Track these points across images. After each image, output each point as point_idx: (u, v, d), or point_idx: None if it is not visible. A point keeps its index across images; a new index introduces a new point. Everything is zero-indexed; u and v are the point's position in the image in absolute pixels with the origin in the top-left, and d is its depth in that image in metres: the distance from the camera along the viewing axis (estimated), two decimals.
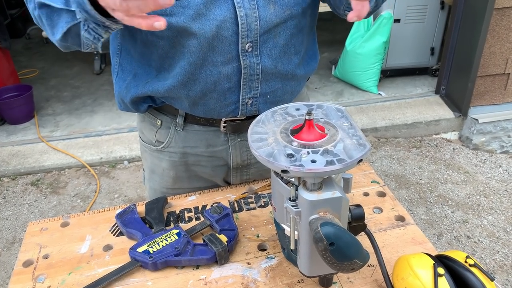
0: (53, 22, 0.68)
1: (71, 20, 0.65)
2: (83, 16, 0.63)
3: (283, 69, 0.85)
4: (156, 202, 0.92)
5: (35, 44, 4.59)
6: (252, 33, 0.76)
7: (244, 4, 0.73)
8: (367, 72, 3.02)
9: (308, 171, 0.58)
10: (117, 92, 0.91)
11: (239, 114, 0.87)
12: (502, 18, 2.46)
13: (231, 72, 0.79)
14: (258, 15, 0.75)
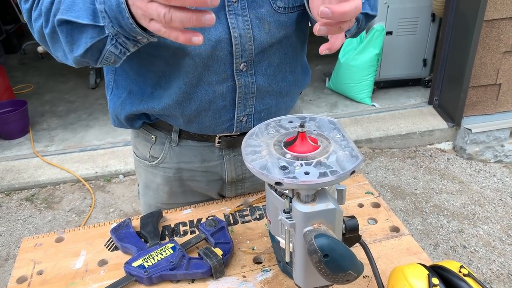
0: (73, 38, 0.66)
1: (97, 36, 0.64)
2: (115, 31, 0.61)
3: (278, 87, 0.86)
4: (151, 216, 0.92)
5: (30, 59, 4.61)
6: (247, 53, 0.77)
7: (239, 25, 0.74)
8: (361, 83, 3.05)
9: (302, 183, 0.59)
10: (111, 108, 0.91)
11: (234, 131, 0.88)
12: (491, 29, 2.51)
13: (226, 91, 0.80)
14: (252, 36, 0.76)
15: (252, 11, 0.75)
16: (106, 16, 0.60)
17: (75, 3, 0.63)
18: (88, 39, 0.64)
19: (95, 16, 0.62)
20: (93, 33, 0.63)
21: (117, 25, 0.60)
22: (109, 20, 0.60)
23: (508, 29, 2.52)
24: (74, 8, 0.63)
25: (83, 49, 0.65)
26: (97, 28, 0.62)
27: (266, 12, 0.76)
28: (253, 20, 0.75)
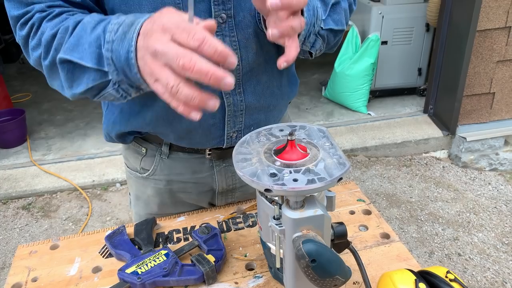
0: (74, 77, 0.63)
1: (100, 79, 0.62)
2: (119, 78, 0.60)
3: (266, 102, 0.87)
4: (145, 223, 0.93)
5: (28, 69, 4.63)
6: (235, 72, 0.77)
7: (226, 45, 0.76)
8: (356, 92, 3.08)
9: (291, 189, 0.60)
10: (104, 125, 0.92)
11: (225, 145, 0.88)
12: (484, 39, 2.54)
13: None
14: (240, 56, 0.77)
15: (239, 32, 0.76)
16: (112, 64, 0.59)
17: (79, 44, 0.61)
18: (89, 81, 0.62)
19: (100, 60, 0.60)
20: (96, 76, 0.61)
21: (122, 75, 0.59)
22: (115, 68, 0.59)
23: (501, 39, 2.56)
24: (78, 49, 0.61)
25: (82, 88, 0.64)
26: (101, 72, 0.61)
27: (253, 33, 0.77)
28: (241, 40, 0.76)
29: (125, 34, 0.56)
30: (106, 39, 0.58)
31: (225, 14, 0.73)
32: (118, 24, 0.58)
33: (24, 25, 0.66)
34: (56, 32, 0.63)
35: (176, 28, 0.50)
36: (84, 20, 0.62)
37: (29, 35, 0.66)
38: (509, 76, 2.69)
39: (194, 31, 0.49)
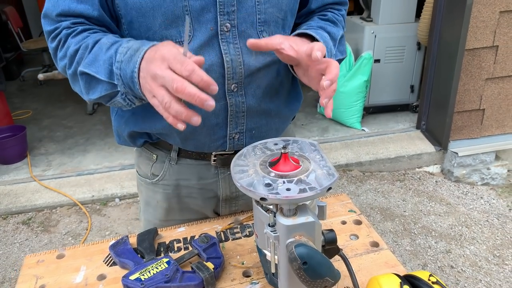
0: (91, 86, 0.78)
1: (110, 89, 0.76)
2: (125, 90, 0.74)
3: (266, 107, 0.94)
4: (147, 233, 0.98)
5: (29, 86, 4.71)
6: (237, 75, 0.85)
7: (230, 51, 0.83)
8: (351, 109, 3.16)
9: (284, 198, 0.66)
10: (115, 127, 0.99)
11: (227, 148, 0.95)
12: (473, 58, 2.64)
13: (218, 109, 0.88)
14: (242, 60, 0.85)
15: (241, 40, 0.84)
16: (120, 79, 0.73)
17: (96, 60, 0.75)
18: (102, 90, 0.77)
19: (111, 75, 0.74)
20: (108, 86, 0.76)
21: (128, 88, 0.73)
22: (122, 82, 0.73)
23: (489, 58, 2.65)
24: (95, 64, 0.75)
25: (97, 95, 0.78)
26: (111, 84, 0.75)
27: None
28: (243, 47, 0.84)
29: (131, 57, 0.70)
30: (116, 59, 0.72)
31: (229, 24, 0.82)
32: (127, 48, 0.72)
33: (54, 39, 0.80)
34: (78, 47, 0.77)
35: (173, 59, 0.63)
36: (101, 41, 0.76)
37: (57, 47, 0.80)
38: (497, 93, 2.78)
39: (186, 63, 0.61)
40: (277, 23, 0.87)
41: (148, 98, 0.68)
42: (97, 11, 0.79)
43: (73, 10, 0.78)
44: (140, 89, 0.69)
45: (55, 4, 0.78)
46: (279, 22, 0.88)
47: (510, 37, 2.60)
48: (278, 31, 0.88)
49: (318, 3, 0.95)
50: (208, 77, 0.61)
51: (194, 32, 0.80)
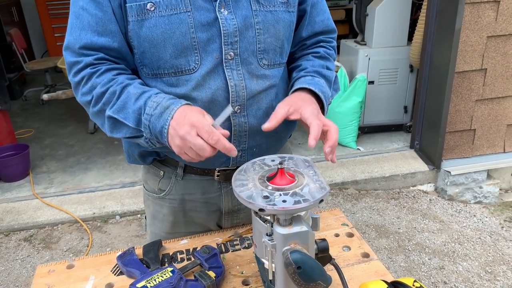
0: (116, 127, 0.87)
1: (135, 133, 0.85)
2: (151, 137, 0.84)
3: None
4: (152, 245, 1.04)
5: (31, 106, 4.80)
6: (240, 98, 0.94)
7: (234, 77, 0.92)
8: (346, 129, 3.25)
9: (280, 209, 0.73)
10: (126, 147, 1.06)
11: (230, 164, 1.02)
12: (463, 80, 2.74)
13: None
14: (245, 85, 0.93)
15: (244, 67, 0.93)
16: (148, 129, 0.83)
17: (125, 107, 0.85)
18: (127, 133, 0.86)
19: (138, 123, 0.84)
20: (133, 131, 0.86)
21: (154, 137, 0.84)
22: (149, 132, 0.83)
23: (478, 80, 2.76)
24: (124, 111, 0.85)
25: (120, 136, 0.88)
26: (137, 130, 0.85)
27: (254, 68, 0.94)
28: (245, 73, 0.93)
29: (161, 114, 0.81)
30: (146, 111, 0.83)
31: (232, 53, 0.91)
32: (156, 103, 0.83)
33: (76, 73, 0.88)
34: (105, 91, 0.86)
35: (201, 128, 0.76)
36: (129, 90, 0.85)
37: (80, 83, 0.89)
38: (487, 114, 2.87)
39: (213, 134, 0.76)
40: (275, 51, 0.96)
41: (175, 151, 0.81)
42: (117, 42, 0.88)
43: (95, 43, 0.86)
44: (168, 142, 0.81)
45: (77, 38, 0.87)
46: (277, 50, 0.97)
47: (498, 60, 2.72)
48: (276, 58, 0.97)
49: (308, 32, 1.05)
50: (230, 145, 0.77)
51: (201, 60, 0.89)
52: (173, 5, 0.85)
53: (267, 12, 0.92)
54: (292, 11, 0.97)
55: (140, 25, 0.86)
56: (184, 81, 0.90)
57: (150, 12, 0.85)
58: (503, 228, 2.58)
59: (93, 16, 0.86)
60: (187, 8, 0.86)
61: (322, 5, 1.05)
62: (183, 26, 0.86)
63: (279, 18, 0.94)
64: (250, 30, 0.91)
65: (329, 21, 1.07)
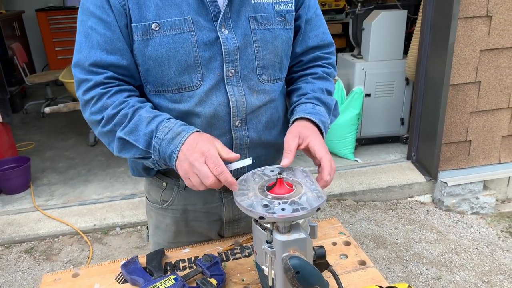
0: (125, 148, 0.90)
1: (144, 155, 0.89)
2: (159, 160, 0.87)
3: (266, 139, 1.06)
4: (155, 253, 1.08)
5: (32, 119, 4.84)
6: (241, 113, 0.98)
7: (235, 92, 0.97)
8: (344, 140, 3.29)
9: (280, 217, 0.77)
10: (130, 161, 1.10)
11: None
12: (458, 92, 2.80)
13: (225, 142, 1.00)
14: (245, 100, 0.98)
15: (244, 83, 0.97)
16: (157, 152, 0.87)
17: (136, 130, 0.88)
18: (135, 154, 0.90)
19: (148, 146, 0.88)
20: (142, 152, 0.89)
21: (162, 160, 0.88)
22: (158, 155, 0.87)
23: (472, 92, 2.81)
24: (135, 134, 0.88)
25: (128, 156, 0.91)
26: (146, 151, 0.88)
27: (254, 83, 0.99)
28: (245, 89, 0.97)
29: (173, 139, 0.85)
30: (157, 136, 0.87)
31: (233, 70, 0.95)
32: (168, 128, 0.87)
33: (86, 92, 0.91)
34: (116, 113, 0.90)
35: (209, 158, 0.81)
36: (141, 113, 0.90)
37: (89, 101, 0.92)
38: (482, 126, 2.92)
39: (218, 165, 0.80)
40: (274, 66, 1.01)
41: (180, 175, 0.85)
42: (126, 60, 0.92)
43: (105, 60, 0.90)
44: (175, 166, 0.85)
45: (87, 55, 0.90)
46: (276, 66, 1.01)
47: (491, 73, 2.78)
48: (275, 73, 1.02)
49: (303, 47, 1.09)
50: (232, 179, 0.81)
51: (204, 77, 0.93)
52: (176, 25, 0.90)
53: (265, 30, 0.97)
54: (289, 28, 1.02)
55: (145, 44, 0.91)
56: (187, 98, 0.94)
57: (155, 32, 0.89)
58: (500, 239, 2.61)
59: (102, 36, 0.90)
60: (190, 28, 0.90)
61: (317, 21, 1.09)
62: (187, 45, 0.90)
63: (277, 35, 0.99)
64: (249, 47, 0.95)
65: (325, 35, 1.10)
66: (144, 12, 0.89)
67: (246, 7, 0.95)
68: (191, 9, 0.90)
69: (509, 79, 2.81)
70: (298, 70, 1.12)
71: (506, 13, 2.63)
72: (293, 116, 1.01)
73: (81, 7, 0.94)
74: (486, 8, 2.60)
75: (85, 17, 0.92)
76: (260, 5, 0.96)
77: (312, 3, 1.07)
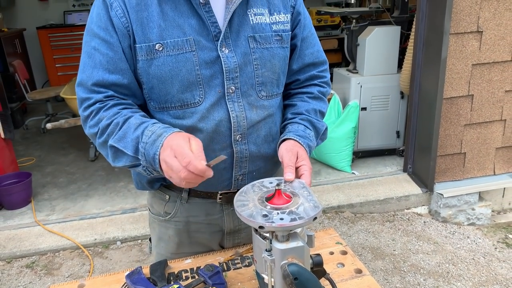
0: (117, 156, 0.94)
1: (134, 161, 0.92)
2: (147, 164, 0.89)
3: (265, 152, 1.11)
4: (159, 264, 1.11)
5: (32, 134, 4.88)
6: (241, 128, 1.03)
7: (235, 108, 1.02)
8: (341, 153, 3.34)
9: (278, 226, 0.81)
10: (135, 175, 1.14)
11: (232, 188, 1.11)
12: (451, 105, 2.86)
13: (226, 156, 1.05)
14: (245, 116, 1.03)
15: (244, 99, 1.02)
16: (143, 156, 0.89)
17: (125, 137, 0.91)
18: (127, 161, 0.93)
19: (136, 151, 0.90)
20: (132, 159, 0.92)
21: (149, 164, 0.89)
22: (145, 159, 0.89)
23: (465, 106, 2.88)
24: (124, 140, 0.91)
25: (122, 164, 0.95)
26: (135, 158, 0.91)
27: (254, 99, 1.04)
28: (245, 105, 1.03)
29: (154, 141, 0.87)
30: (142, 140, 0.88)
31: (234, 87, 1.00)
32: (152, 132, 0.88)
33: (86, 108, 0.96)
34: (110, 123, 0.93)
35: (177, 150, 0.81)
36: (130, 120, 0.92)
37: (88, 116, 0.96)
38: (476, 138, 2.98)
39: (185, 155, 0.79)
40: (272, 83, 1.07)
41: (165, 176, 0.86)
42: (127, 79, 0.97)
43: (106, 80, 0.95)
44: (160, 168, 0.86)
45: (89, 75, 0.95)
46: (274, 82, 1.07)
47: (483, 87, 2.85)
48: (273, 89, 1.07)
49: (299, 64, 1.15)
50: (202, 166, 0.79)
51: (205, 94, 0.99)
52: (179, 46, 0.95)
53: (263, 49, 1.03)
54: (286, 47, 1.08)
55: (149, 63, 0.96)
56: (189, 114, 0.99)
57: (158, 52, 0.95)
58: (496, 249, 2.64)
59: (104, 56, 0.95)
60: (192, 48, 0.96)
61: (312, 39, 1.15)
62: (189, 64, 0.96)
63: (275, 54, 1.05)
64: (249, 66, 1.01)
65: (319, 53, 1.16)
66: (148, 33, 0.95)
67: (245, 27, 1.00)
68: (193, 30, 0.96)
69: (501, 92, 2.88)
70: (295, 87, 1.17)
71: (496, 29, 2.72)
72: (285, 133, 1.07)
73: (87, 28, 0.99)
74: (477, 24, 2.69)
75: (89, 38, 0.97)
76: (258, 26, 1.02)
77: (307, 23, 1.13)
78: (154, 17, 0.94)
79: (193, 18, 0.96)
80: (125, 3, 0.94)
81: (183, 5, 0.96)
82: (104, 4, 0.95)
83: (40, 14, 6.30)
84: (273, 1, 1.05)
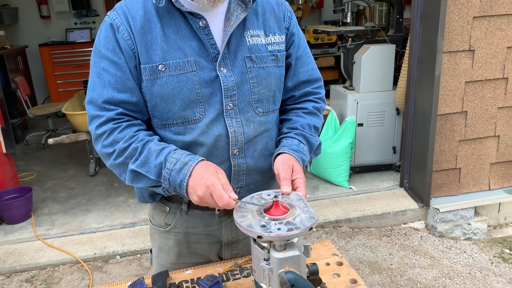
0: (137, 179, 0.99)
1: (154, 184, 0.98)
2: (169, 188, 0.97)
3: (261, 166, 1.16)
4: (160, 274, 1.15)
5: (32, 149, 4.92)
6: (239, 142, 1.08)
7: (233, 124, 1.07)
8: (338, 169, 3.39)
9: (276, 236, 0.85)
10: (138, 189, 1.19)
11: None
12: (446, 122, 2.93)
13: (224, 169, 1.09)
14: (242, 131, 1.08)
15: (241, 115, 1.08)
16: (167, 181, 0.96)
17: (148, 162, 0.98)
18: (147, 183, 0.99)
19: (159, 176, 0.97)
20: (153, 182, 0.98)
21: (173, 188, 0.97)
22: (169, 184, 0.96)
23: (460, 122, 2.94)
24: (146, 166, 0.97)
25: (140, 186, 1.01)
26: (157, 181, 0.98)
27: (251, 115, 1.10)
28: (243, 120, 1.08)
29: (181, 169, 0.95)
30: (166, 166, 0.96)
31: (231, 104, 1.06)
32: (176, 159, 0.97)
33: (99, 127, 1.01)
34: (127, 146, 0.99)
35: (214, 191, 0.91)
36: (150, 146, 0.99)
37: (101, 135, 1.01)
38: (471, 154, 3.04)
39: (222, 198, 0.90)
40: (268, 100, 1.12)
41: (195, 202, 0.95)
42: (135, 97, 1.03)
43: (116, 98, 1.01)
44: (187, 194, 0.95)
45: (100, 94, 1.01)
46: (270, 99, 1.13)
47: (477, 103, 2.92)
48: (269, 106, 1.13)
49: (294, 82, 1.20)
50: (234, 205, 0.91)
51: (205, 111, 1.04)
52: (181, 66, 1.01)
53: (259, 68, 1.09)
54: (281, 66, 1.14)
55: (153, 83, 1.02)
56: (190, 130, 1.05)
57: (161, 72, 1.01)
58: (493, 264, 2.67)
59: (113, 76, 1.01)
60: (192, 68, 1.02)
61: (307, 57, 1.21)
62: (190, 83, 1.02)
63: (270, 73, 1.10)
64: (245, 84, 1.07)
65: (314, 71, 1.22)
66: (152, 55, 1.01)
67: (242, 48, 1.07)
68: (194, 52, 1.02)
69: (494, 109, 2.95)
70: (291, 103, 1.23)
71: (487, 47, 2.80)
72: (280, 147, 1.12)
73: (94, 50, 1.05)
74: (469, 42, 2.77)
75: (98, 59, 1.03)
76: (254, 46, 1.08)
77: (301, 42, 1.19)
78: (157, 40, 1.00)
79: (193, 41, 1.02)
80: (131, 27, 1.00)
81: (184, 28, 1.02)
82: (111, 28, 1.01)
83: (42, 32, 6.42)
84: (269, 23, 1.11)
